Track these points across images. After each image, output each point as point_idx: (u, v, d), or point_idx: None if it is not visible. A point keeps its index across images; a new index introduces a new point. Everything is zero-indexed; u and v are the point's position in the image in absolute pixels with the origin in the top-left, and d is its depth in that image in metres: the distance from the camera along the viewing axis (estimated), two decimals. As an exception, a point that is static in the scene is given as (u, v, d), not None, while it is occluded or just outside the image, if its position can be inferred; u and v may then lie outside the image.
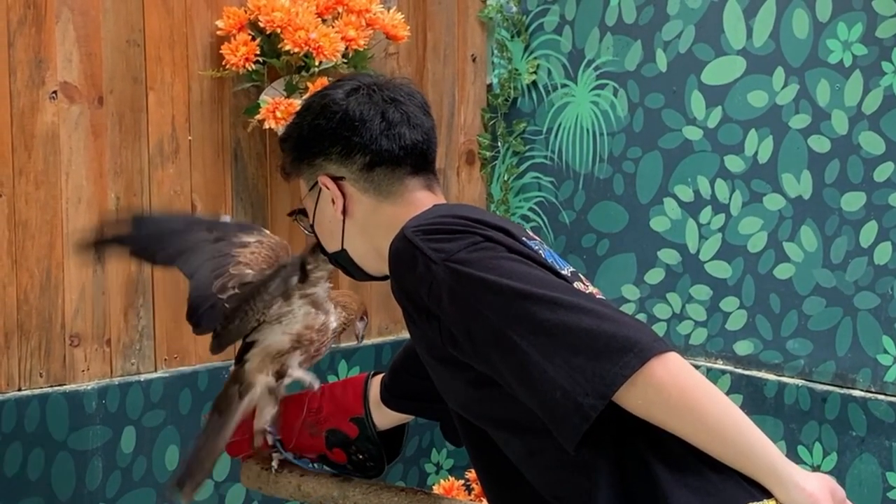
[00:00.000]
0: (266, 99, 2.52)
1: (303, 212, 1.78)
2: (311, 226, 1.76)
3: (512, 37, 3.07)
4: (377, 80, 1.72)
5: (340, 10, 2.56)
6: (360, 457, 1.95)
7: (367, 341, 2.84)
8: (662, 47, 2.76)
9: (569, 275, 1.56)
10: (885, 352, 2.44)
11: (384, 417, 1.94)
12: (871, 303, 2.46)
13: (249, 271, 1.99)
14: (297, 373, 1.92)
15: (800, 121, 2.54)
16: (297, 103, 2.47)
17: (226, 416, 1.89)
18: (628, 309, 2.80)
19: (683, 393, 1.39)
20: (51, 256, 2.35)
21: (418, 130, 1.69)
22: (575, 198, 2.94)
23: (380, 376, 1.96)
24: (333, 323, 1.94)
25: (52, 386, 2.37)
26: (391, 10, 2.67)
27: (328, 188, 1.69)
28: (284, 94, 2.53)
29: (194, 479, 1.88)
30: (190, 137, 2.54)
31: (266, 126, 2.49)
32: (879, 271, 2.44)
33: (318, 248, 1.77)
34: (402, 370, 1.91)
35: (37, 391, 2.34)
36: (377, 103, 1.68)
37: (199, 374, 2.56)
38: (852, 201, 2.47)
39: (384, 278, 1.67)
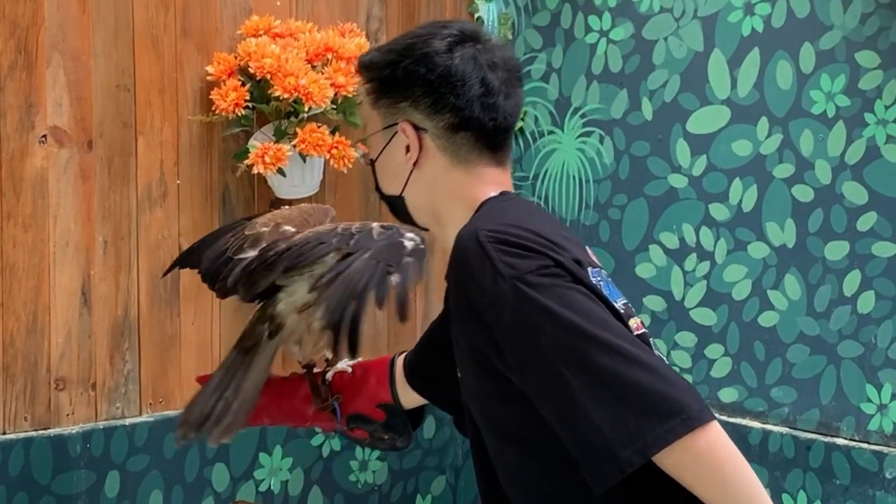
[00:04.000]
0: (255, 144, 2.53)
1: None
2: (372, 161, 1.72)
3: (499, 84, 3.09)
4: (478, 34, 1.67)
5: (330, 56, 2.58)
6: (385, 437, 1.93)
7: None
8: (648, 96, 2.79)
9: (622, 308, 1.55)
10: (869, 400, 2.45)
11: (409, 397, 1.91)
12: (854, 351, 2.47)
13: (264, 229, 1.90)
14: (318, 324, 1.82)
15: (784, 170, 2.57)
16: (285, 149, 2.49)
17: (254, 354, 1.80)
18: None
19: (718, 466, 1.41)
20: (37, 300, 2.36)
21: (511, 102, 1.66)
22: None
23: (401, 357, 1.92)
24: None
25: (36, 430, 2.36)
26: (380, 57, 2.68)
27: (407, 136, 1.65)
28: (273, 139, 2.55)
29: (222, 422, 1.77)
30: (179, 181, 2.55)
31: (255, 171, 2.50)
32: (863, 320, 2.46)
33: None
34: (427, 352, 1.89)
35: (21, 435, 2.33)
36: (480, 66, 1.63)
37: (185, 418, 2.55)
38: (836, 250, 2.49)
39: (425, 229, 1.69)
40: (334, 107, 2.58)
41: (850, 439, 2.47)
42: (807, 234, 2.54)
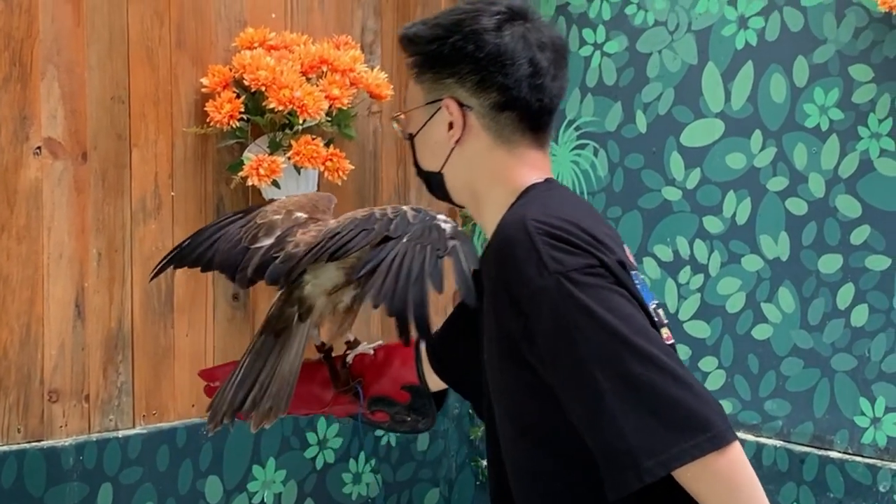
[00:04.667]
0: (250, 156, 2.53)
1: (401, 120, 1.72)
2: (412, 135, 1.70)
3: (494, 96, 3.10)
4: (526, 12, 1.64)
5: (325, 69, 2.59)
6: (408, 419, 1.92)
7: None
8: (642, 109, 2.80)
9: (653, 309, 1.55)
10: (862, 413, 2.46)
11: (435, 379, 1.91)
12: (848, 364, 2.47)
13: (277, 217, 1.89)
14: (346, 299, 1.81)
15: (777, 183, 2.58)
16: (280, 161, 2.49)
17: (285, 337, 1.78)
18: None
19: (734, 487, 1.42)
20: (31, 312, 2.35)
21: (557, 84, 1.64)
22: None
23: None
24: None
25: (29, 442, 2.36)
26: (375, 70, 2.69)
27: (451, 113, 1.62)
28: (268, 151, 2.55)
29: (261, 406, 1.74)
30: (173, 193, 2.55)
31: (249, 183, 2.50)
32: (856, 333, 2.46)
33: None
34: (449, 335, 1.88)
35: (14, 447, 2.33)
36: (530, 45, 1.61)
37: (178, 430, 2.55)
38: (829, 263, 2.50)
39: (460, 206, 1.68)
40: (329, 119, 2.58)
41: (844, 452, 2.47)
42: (800, 247, 2.54)
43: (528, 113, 1.62)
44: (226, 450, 2.62)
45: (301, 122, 2.52)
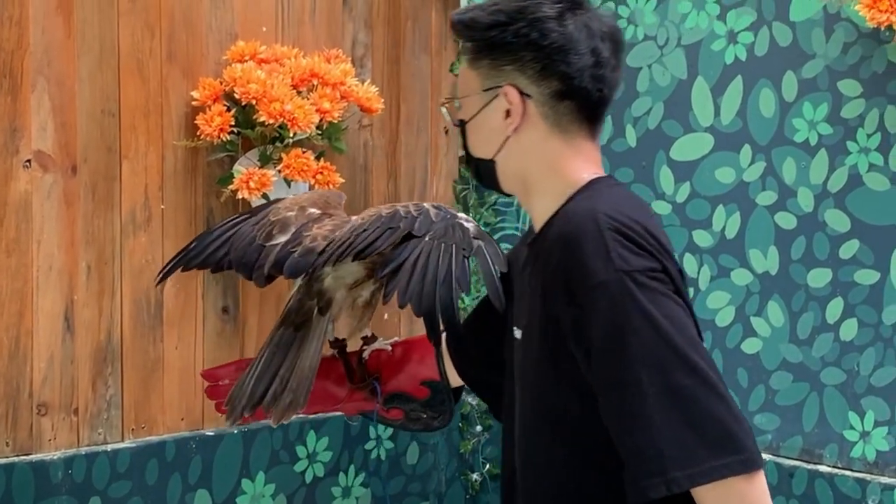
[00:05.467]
0: (240, 169, 2.53)
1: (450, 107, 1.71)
2: (463, 122, 1.68)
3: (484, 110, 3.10)
4: (583, 1, 1.63)
5: (315, 82, 2.59)
6: (424, 415, 1.91)
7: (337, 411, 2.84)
8: (632, 123, 2.81)
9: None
10: (852, 427, 2.46)
11: (453, 376, 1.90)
12: (837, 379, 2.48)
13: (290, 213, 1.88)
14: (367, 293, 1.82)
15: (766, 197, 2.58)
16: (270, 174, 2.49)
17: (305, 330, 1.78)
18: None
19: None
20: (20, 325, 2.35)
21: (616, 75, 1.64)
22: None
23: (444, 335, 1.90)
24: None
25: (18, 455, 2.35)
26: (365, 83, 2.70)
27: (510, 101, 1.61)
28: (258, 164, 2.55)
29: (281, 400, 1.73)
30: (163, 206, 2.54)
31: (239, 196, 2.50)
32: (845, 347, 2.47)
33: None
34: (470, 333, 1.87)
35: (2, 461, 2.31)
36: (593, 35, 1.60)
37: (167, 444, 2.54)
38: (818, 278, 2.50)
39: (507, 194, 1.68)
40: (319, 132, 2.58)
41: (833, 467, 2.48)
42: (790, 261, 2.55)
43: (588, 103, 1.61)
44: (215, 463, 2.61)
45: (291, 135, 2.52)
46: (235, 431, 2.65)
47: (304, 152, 2.54)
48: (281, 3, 2.72)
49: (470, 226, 1.71)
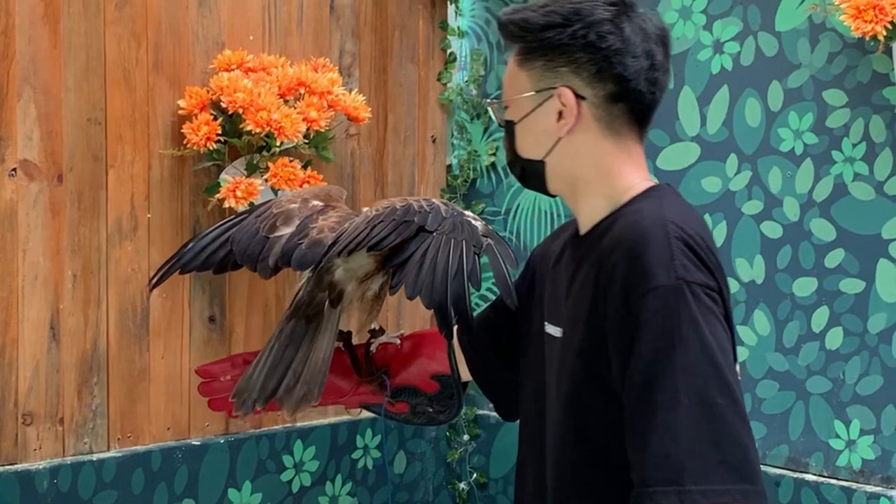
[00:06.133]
0: (227, 178, 2.53)
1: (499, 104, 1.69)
2: (511, 122, 1.66)
3: (472, 119, 3.11)
4: (633, 2, 1.62)
5: (302, 91, 2.59)
6: (430, 409, 1.91)
7: (324, 420, 2.84)
8: (619, 132, 2.81)
9: None
10: (837, 436, 2.47)
11: (464, 370, 1.90)
12: (823, 387, 2.49)
13: (293, 205, 1.87)
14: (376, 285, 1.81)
15: (752, 206, 2.59)
16: (257, 183, 2.49)
17: (318, 323, 1.76)
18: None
19: None
20: (6, 334, 2.34)
21: (666, 78, 1.64)
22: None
23: (455, 329, 1.89)
24: None
25: (3, 465, 2.34)
26: (353, 92, 2.70)
27: (564, 103, 1.60)
28: (245, 173, 2.55)
29: (294, 393, 1.71)
30: (149, 215, 2.54)
31: (226, 205, 2.50)
32: (831, 356, 2.47)
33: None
34: (484, 331, 1.87)
35: (-13, 470, 2.31)
36: (649, 38, 1.60)
37: (153, 453, 2.53)
38: (804, 287, 2.51)
39: (551, 195, 1.68)
40: (306, 141, 2.58)
41: (819, 475, 2.48)
42: (775, 270, 2.56)
43: (641, 106, 1.61)
44: (201, 473, 2.61)
45: (278, 144, 2.52)
46: (222, 441, 2.65)
47: (291, 161, 2.54)
48: (268, 12, 2.72)
49: (478, 224, 1.71)
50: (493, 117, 1.71)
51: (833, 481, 2.45)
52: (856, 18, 2.24)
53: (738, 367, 1.56)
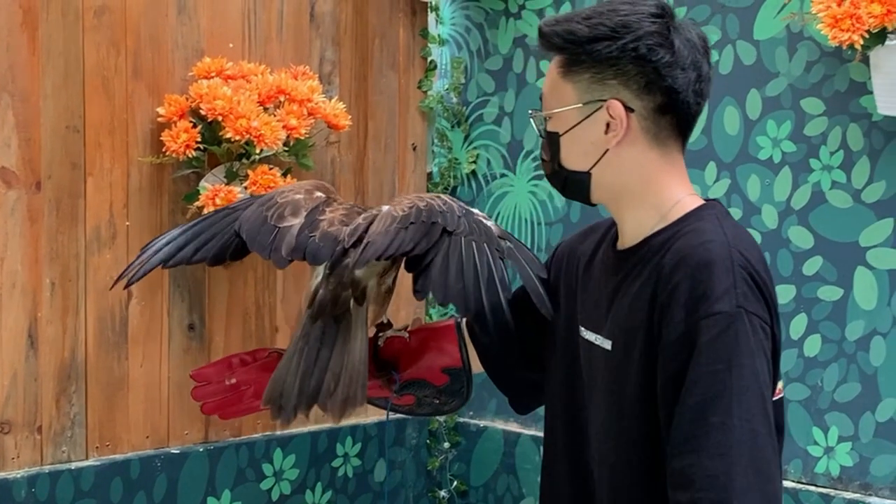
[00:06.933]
0: (206, 186, 2.53)
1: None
2: (555, 134, 1.66)
3: (452, 127, 3.11)
4: (673, 12, 1.63)
5: (282, 98, 2.59)
6: (436, 401, 1.91)
7: (304, 428, 2.83)
8: (599, 140, 2.82)
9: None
10: (816, 443, 2.47)
11: (474, 361, 1.91)
12: (801, 394, 2.49)
13: (298, 196, 1.86)
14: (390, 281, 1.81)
15: (731, 214, 2.59)
16: (237, 190, 2.49)
17: (347, 322, 1.74)
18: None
19: None
20: (-18, 342, 2.33)
21: (709, 88, 1.65)
22: (514, 285, 2.96)
23: (465, 321, 1.91)
24: None
25: (-21, 474, 2.33)
26: (333, 100, 2.70)
27: (612, 115, 1.60)
28: (224, 181, 2.54)
29: (336, 396, 1.70)
30: (128, 223, 2.53)
31: (205, 212, 2.49)
32: (809, 363, 2.48)
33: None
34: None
35: (-36, 480, 2.30)
36: (696, 49, 1.61)
37: (132, 462, 2.52)
38: (782, 294, 2.52)
39: (591, 204, 1.68)
40: (286, 149, 2.58)
41: (798, 482, 2.49)
42: (754, 277, 2.56)
43: (686, 118, 1.63)
44: (180, 482, 2.60)
45: (258, 151, 2.52)
46: (201, 449, 2.64)
47: (270, 169, 2.54)
48: (248, 19, 2.72)
49: (490, 224, 1.71)
50: (535, 129, 1.70)
51: (811, 488, 2.46)
52: (833, 27, 2.25)
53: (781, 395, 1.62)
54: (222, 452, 2.67)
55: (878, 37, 2.23)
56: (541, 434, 3.00)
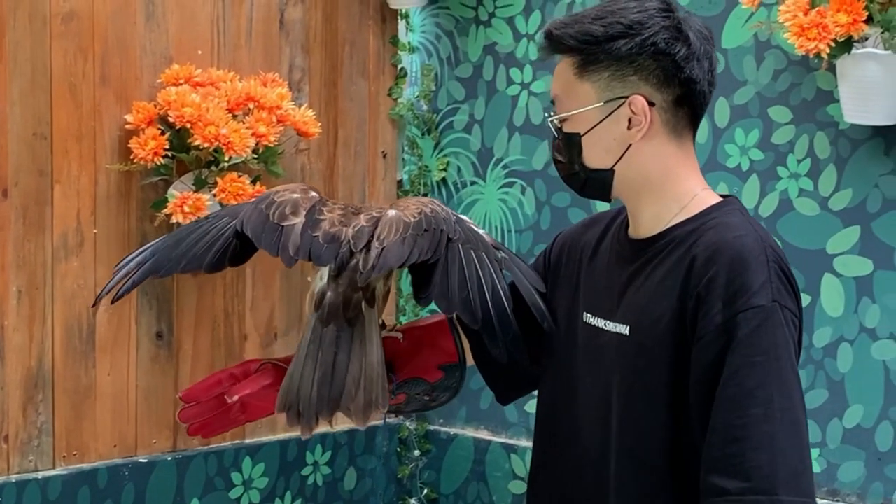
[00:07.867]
0: (174, 193, 2.52)
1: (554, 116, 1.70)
2: (575, 135, 1.66)
3: (422, 134, 3.11)
4: (676, 4, 1.67)
5: (251, 106, 2.59)
6: (427, 397, 1.89)
7: (273, 437, 2.82)
8: (568, 148, 2.82)
9: None
10: (784, 449, 2.49)
11: (468, 355, 1.90)
12: (769, 401, 2.50)
13: (296, 195, 1.82)
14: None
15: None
16: (205, 198, 2.48)
17: (360, 325, 1.72)
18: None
19: None
20: (-52, 351, 2.31)
21: (716, 80, 1.68)
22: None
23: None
24: None
25: (-56, 484, 2.31)
26: (302, 107, 2.69)
27: (634, 111, 1.62)
28: (193, 188, 2.53)
29: (357, 400, 1.67)
30: (95, 231, 2.52)
31: (174, 220, 2.48)
32: (777, 370, 2.49)
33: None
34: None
35: (-72, 490, 2.28)
36: (707, 41, 1.64)
37: (99, 471, 2.51)
38: (751, 301, 2.53)
39: (609, 200, 1.69)
40: (255, 156, 2.57)
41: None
42: (723, 285, 2.58)
43: (700, 108, 1.66)
44: (148, 491, 2.59)
45: (227, 159, 2.51)
46: (169, 458, 2.63)
47: (239, 176, 2.53)
48: (217, 26, 2.71)
49: (481, 232, 1.73)
50: (553, 132, 1.71)
51: (780, 494, 2.47)
52: (800, 36, 2.27)
53: None
54: (191, 461, 2.66)
55: (845, 46, 2.25)
56: (511, 441, 3.03)
